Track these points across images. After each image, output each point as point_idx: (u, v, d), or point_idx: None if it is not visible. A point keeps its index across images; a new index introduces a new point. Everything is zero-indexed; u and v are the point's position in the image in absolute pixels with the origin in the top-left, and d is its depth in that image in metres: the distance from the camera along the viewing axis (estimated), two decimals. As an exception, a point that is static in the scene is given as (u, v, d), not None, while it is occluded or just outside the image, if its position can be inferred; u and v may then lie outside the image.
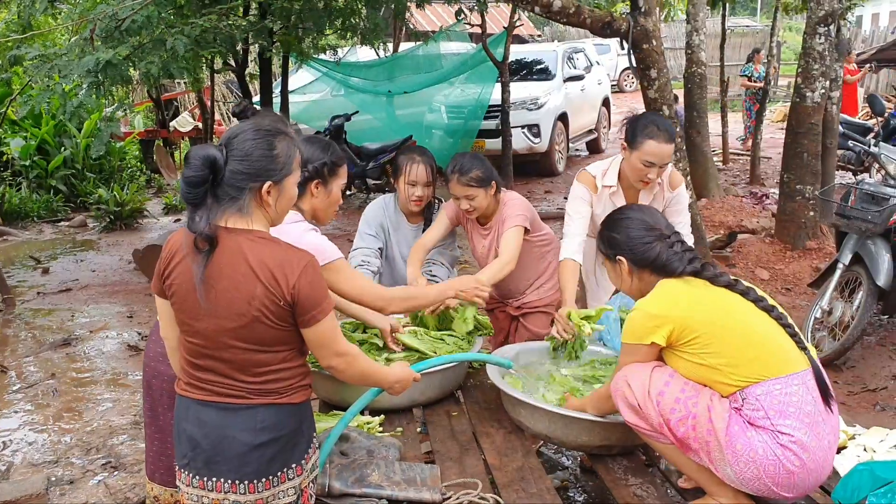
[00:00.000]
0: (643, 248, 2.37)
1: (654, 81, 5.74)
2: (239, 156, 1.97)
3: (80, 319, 6.74)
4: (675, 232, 2.43)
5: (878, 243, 4.85)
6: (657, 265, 2.35)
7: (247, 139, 1.99)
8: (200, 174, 1.91)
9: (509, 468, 2.65)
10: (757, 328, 2.23)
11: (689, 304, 2.25)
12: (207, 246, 1.95)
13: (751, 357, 2.18)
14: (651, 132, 3.22)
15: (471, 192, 3.38)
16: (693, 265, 2.31)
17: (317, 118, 11.75)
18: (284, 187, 2.06)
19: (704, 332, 2.20)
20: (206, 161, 1.92)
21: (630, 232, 2.41)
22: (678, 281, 2.30)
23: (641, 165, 3.27)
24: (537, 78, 12.30)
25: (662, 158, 3.24)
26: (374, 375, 2.33)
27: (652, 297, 2.32)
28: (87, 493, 3.93)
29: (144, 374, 2.67)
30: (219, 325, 1.98)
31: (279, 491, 2.07)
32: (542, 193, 10.96)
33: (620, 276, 2.48)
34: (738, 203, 9.06)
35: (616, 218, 2.51)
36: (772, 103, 16.51)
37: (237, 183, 1.97)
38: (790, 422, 2.12)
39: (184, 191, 1.93)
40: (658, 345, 2.26)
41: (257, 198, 2.01)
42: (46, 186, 11.31)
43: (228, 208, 1.99)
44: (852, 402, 4.53)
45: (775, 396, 2.14)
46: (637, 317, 2.32)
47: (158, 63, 6.26)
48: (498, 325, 3.88)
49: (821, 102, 6.82)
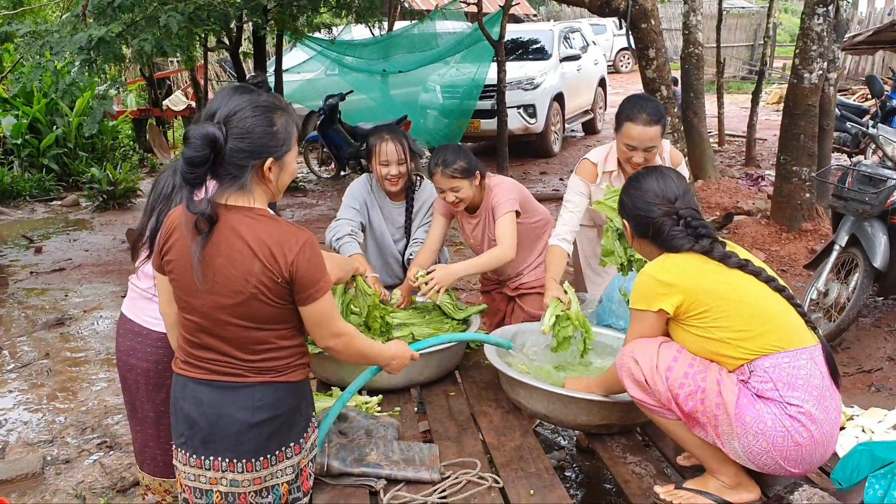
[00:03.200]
0: (646, 219, 2.34)
1: (653, 61, 5.71)
2: (239, 134, 1.93)
3: (74, 299, 6.71)
4: (689, 206, 2.35)
5: (875, 225, 4.85)
6: (657, 239, 2.33)
7: (246, 116, 1.95)
8: (202, 154, 1.88)
9: (507, 447, 2.65)
10: (768, 304, 2.21)
11: (698, 277, 2.23)
12: (208, 227, 1.92)
13: (760, 331, 2.16)
14: (630, 115, 3.17)
15: (455, 184, 3.34)
16: (702, 244, 2.25)
17: (311, 97, 11.67)
18: (285, 163, 2.03)
19: (714, 305, 2.18)
20: (206, 140, 1.88)
21: (637, 201, 2.38)
22: (687, 254, 2.27)
23: (625, 148, 3.23)
24: (533, 58, 12.22)
25: (643, 142, 3.16)
26: (371, 354, 2.32)
27: (659, 263, 2.29)
28: (84, 472, 3.92)
29: (119, 369, 2.63)
30: (216, 303, 1.97)
31: (277, 470, 2.07)
32: (538, 175, 10.93)
33: (628, 237, 2.48)
34: (733, 185, 9.06)
35: (633, 181, 2.46)
36: (767, 85, 16.48)
37: (239, 161, 1.94)
38: (798, 393, 2.12)
39: (184, 171, 1.90)
40: (666, 313, 2.23)
41: (259, 175, 1.98)
42: (38, 165, 11.21)
43: (229, 187, 1.96)
44: (847, 384, 4.54)
45: (784, 369, 2.13)
46: (645, 280, 2.29)
47: (152, 40, 6.20)
48: (495, 306, 3.87)
49: (818, 84, 6.79)
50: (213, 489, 2.05)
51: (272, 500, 2.09)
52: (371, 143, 3.53)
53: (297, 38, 9.64)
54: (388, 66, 11.29)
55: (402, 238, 3.74)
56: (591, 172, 3.46)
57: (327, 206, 9.63)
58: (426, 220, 3.68)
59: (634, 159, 3.21)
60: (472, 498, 2.33)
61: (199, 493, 2.07)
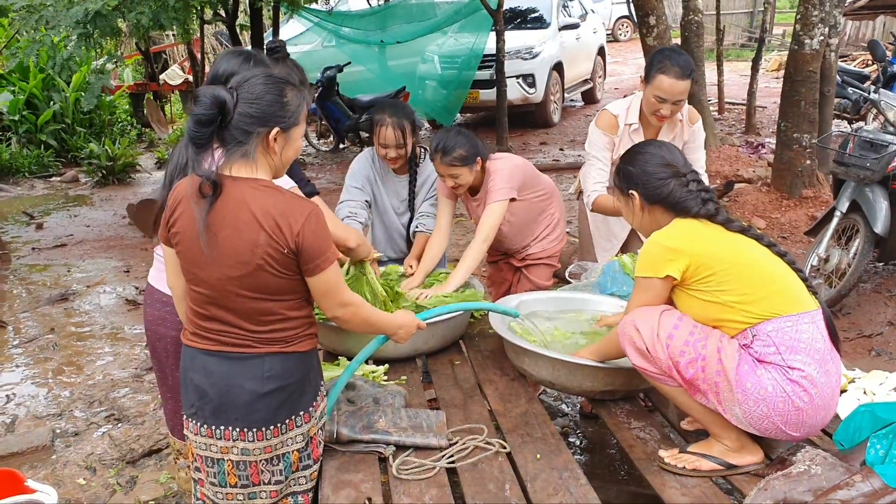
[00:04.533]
0: (657, 183, 2.34)
1: (653, 29, 5.68)
2: (249, 99, 1.95)
3: (77, 274, 6.72)
4: (692, 171, 2.39)
5: (876, 190, 4.85)
6: (669, 202, 2.33)
7: (258, 83, 1.97)
8: (210, 113, 1.89)
9: (513, 414, 2.68)
10: (770, 268, 2.23)
11: (704, 241, 2.25)
12: (212, 191, 1.93)
13: (763, 295, 2.18)
14: (664, 67, 3.21)
15: (454, 171, 3.33)
16: (707, 207, 2.28)
17: (308, 69, 11.46)
18: (291, 136, 2.04)
19: (720, 269, 2.20)
20: (215, 100, 1.90)
21: (646, 167, 2.38)
22: (693, 220, 2.29)
23: (654, 100, 3.27)
24: (532, 26, 12.12)
25: (674, 95, 3.23)
26: (378, 323, 2.35)
27: (667, 230, 2.31)
28: (93, 444, 3.96)
29: (148, 339, 2.68)
30: (223, 274, 1.98)
31: (287, 438, 2.10)
32: (538, 145, 10.90)
33: (633, 211, 2.46)
34: (734, 153, 9.04)
35: (635, 151, 2.48)
36: (767, 52, 16.36)
37: (245, 126, 1.95)
38: (800, 357, 2.14)
39: (191, 129, 1.91)
40: (673, 278, 2.24)
41: (263, 143, 1.99)
42: (36, 141, 11.17)
43: (234, 153, 1.97)
44: (848, 349, 4.58)
45: (786, 333, 2.16)
46: (652, 249, 2.30)
47: (148, 13, 6.16)
48: (501, 276, 3.90)
49: (819, 50, 6.74)
50: (225, 458, 2.09)
51: (283, 468, 2.12)
52: (374, 122, 3.51)
53: (294, 9, 9.57)
54: (386, 36, 11.21)
55: (406, 212, 3.74)
56: (612, 124, 3.48)
57: (327, 179, 9.61)
58: (430, 193, 3.68)
59: (662, 111, 3.27)
60: (480, 462, 2.36)
61: (211, 461, 2.11)
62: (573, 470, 2.31)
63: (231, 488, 2.11)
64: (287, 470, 2.13)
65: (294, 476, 2.16)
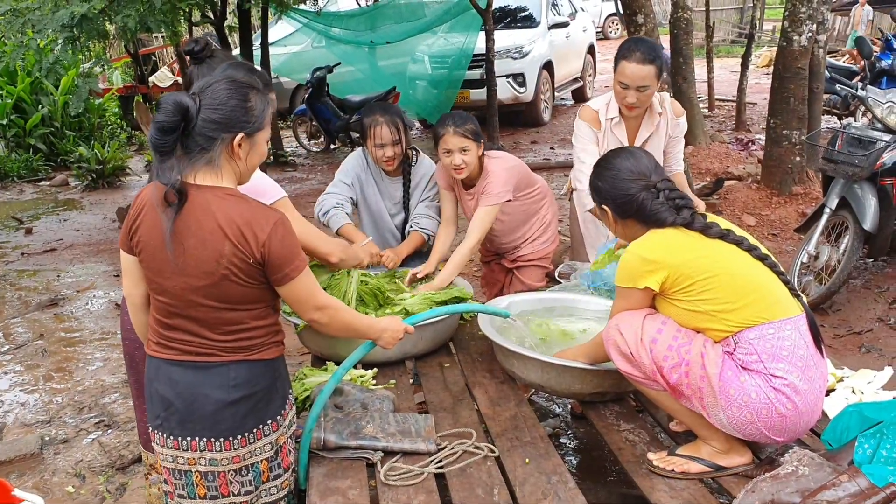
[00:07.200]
0: (626, 198, 2.31)
1: (641, 27, 5.68)
2: (212, 105, 1.92)
3: (66, 279, 6.69)
4: (664, 179, 2.35)
5: (865, 187, 4.86)
6: (641, 216, 2.31)
7: (221, 89, 1.95)
8: (172, 120, 1.86)
9: (502, 417, 2.67)
10: (751, 275, 2.22)
11: (683, 252, 2.23)
12: (177, 199, 1.91)
13: (745, 303, 2.17)
14: (626, 53, 3.23)
15: (466, 144, 3.33)
16: (682, 215, 2.25)
17: (298, 70, 11.57)
18: (256, 142, 2.02)
19: (699, 278, 2.19)
20: (178, 107, 1.87)
21: (614, 182, 2.34)
22: (671, 229, 2.27)
23: (619, 88, 3.27)
24: (521, 25, 12.12)
25: (635, 80, 3.21)
26: (360, 327, 2.32)
27: (645, 241, 2.29)
28: (82, 451, 3.94)
29: (125, 348, 2.64)
30: (187, 284, 1.96)
31: (256, 448, 2.08)
32: (528, 144, 10.90)
33: (609, 222, 2.46)
34: (724, 150, 9.05)
35: (602, 166, 2.44)
36: (757, 48, 16.40)
37: (209, 132, 1.92)
38: (783, 365, 2.13)
39: (153, 137, 1.88)
40: (651, 290, 2.24)
41: (228, 150, 1.97)
42: (25, 145, 11.13)
43: (198, 161, 1.95)
44: (838, 345, 4.59)
45: (768, 340, 2.15)
46: (630, 260, 2.28)
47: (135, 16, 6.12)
48: (493, 277, 3.90)
49: (808, 46, 6.76)
50: (193, 469, 2.06)
51: (252, 478, 2.10)
52: (365, 124, 3.50)
53: (283, 10, 9.52)
54: (376, 37, 11.18)
55: (400, 213, 3.73)
56: (594, 118, 3.48)
57: (317, 181, 9.59)
58: (425, 195, 3.67)
59: (628, 99, 3.26)
60: (469, 467, 2.35)
61: (179, 474, 2.08)
62: (562, 474, 2.30)
63: (200, 500, 2.08)
64: (257, 480, 2.11)
65: (265, 486, 2.15)
